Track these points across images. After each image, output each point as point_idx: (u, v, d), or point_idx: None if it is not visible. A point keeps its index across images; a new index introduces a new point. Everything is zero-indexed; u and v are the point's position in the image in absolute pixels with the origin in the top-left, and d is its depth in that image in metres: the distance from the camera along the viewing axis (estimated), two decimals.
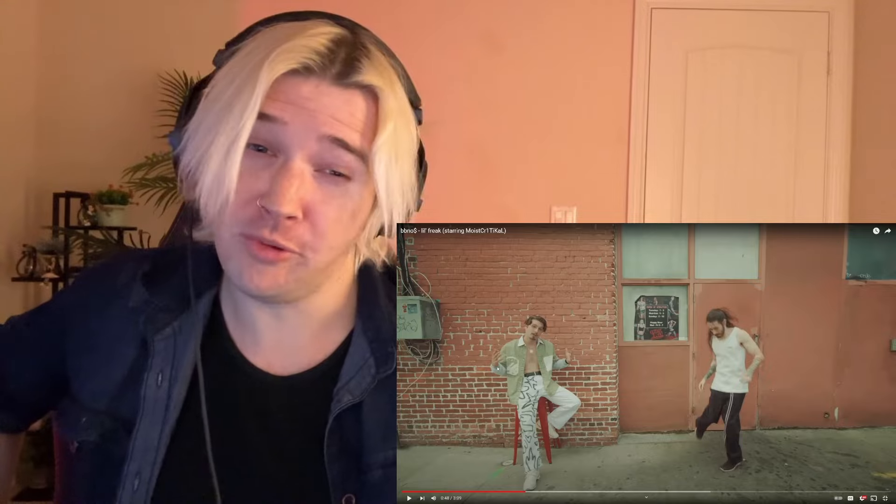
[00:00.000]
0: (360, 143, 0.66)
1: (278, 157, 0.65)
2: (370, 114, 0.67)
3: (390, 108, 0.68)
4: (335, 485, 0.70)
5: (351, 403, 0.72)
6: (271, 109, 0.64)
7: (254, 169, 0.65)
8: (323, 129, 0.65)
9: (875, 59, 3.08)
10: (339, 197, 0.67)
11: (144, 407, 0.72)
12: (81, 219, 3.12)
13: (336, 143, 0.65)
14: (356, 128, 0.66)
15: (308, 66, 0.65)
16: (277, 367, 0.75)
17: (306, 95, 0.65)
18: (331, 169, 0.66)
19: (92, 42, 3.24)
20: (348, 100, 0.66)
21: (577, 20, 3.21)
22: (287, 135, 0.64)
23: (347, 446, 0.71)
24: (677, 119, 3.19)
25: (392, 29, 3.71)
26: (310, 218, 0.66)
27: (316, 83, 0.65)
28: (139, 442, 0.71)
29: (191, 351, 0.74)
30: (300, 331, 0.76)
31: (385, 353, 0.74)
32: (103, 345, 0.75)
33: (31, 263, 3.05)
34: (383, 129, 0.66)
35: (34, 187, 3.26)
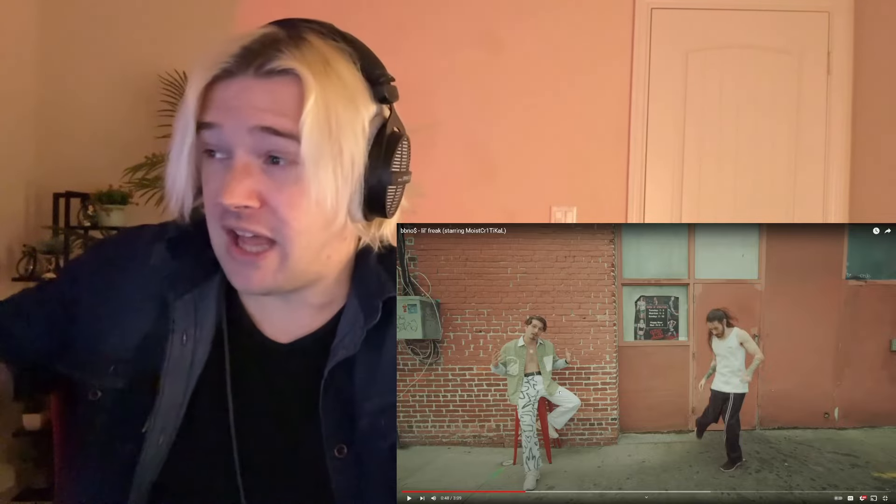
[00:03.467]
0: (289, 126, 0.70)
1: (229, 158, 0.71)
2: (298, 96, 0.70)
3: (310, 85, 0.70)
4: (328, 435, 0.75)
5: (345, 356, 0.77)
6: (208, 117, 0.71)
7: (213, 172, 0.72)
8: (250, 121, 0.70)
9: (875, 59, 3.08)
10: (289, 183, 0.71)
11: (169, 365, 0.77)
12: (81, 219, 3.11)
13: (266, 131, 0.70)
14: (284, 113, 0.70)
15: (226, 69, 0.71)
16: (283, 337, 0.81)
17: (233, 94, 0.71)
18: (273, 156, 0.71)
19: (92, 42, 3.24)
20: (270, 88, 0.71)
21: (577, 20, 3.21)
22: (225, 135, 0.71)
23: (341, 398, 0.76)
24: (677, 119, 3.19)
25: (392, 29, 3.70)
26: (268, 206, 0.71)
27: (240, 81, 0.71)
28: (165, 397, 0.76)
29: (212, 316, 0.79)
30: (303, 311, 0.81)
31: (371, 306, 0.78)
32: (125, 297, 0.80)
33: (31, 263, 3.05)
34: (306, 104, 0.70)
35: (34, 187, 3.26)
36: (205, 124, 0.71)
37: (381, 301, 0.78)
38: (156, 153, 2.92)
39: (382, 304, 0.78)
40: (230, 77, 0.71)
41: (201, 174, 0.74)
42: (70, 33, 3.27)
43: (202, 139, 0.72)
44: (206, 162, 0.73)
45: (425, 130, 3.16)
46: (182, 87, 3.03)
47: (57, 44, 3.27)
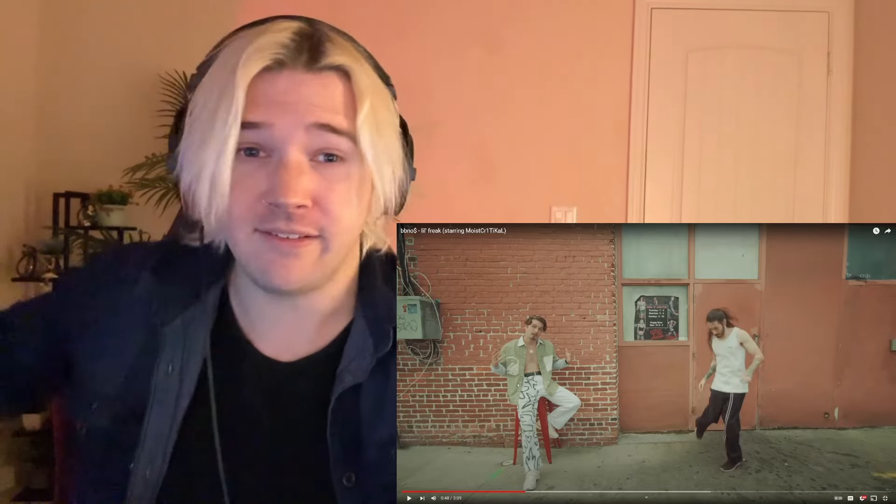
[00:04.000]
0: (345, 124, 0.69)
1: (272, 157, 0.68)
2: (347, 94, 0.70)
3: (364, 84, 0.70)
4: (336, 463, 0.73)
5: (352, 383, 0.74)
6: (255, 116, 0.67)
7: (250, 172, 0.68)
8: (307, 118, 0.67)
9: (875, 59, 3.08)
10: (341, 180, 0.70)
11: (155, 395, 0.73)
12: (81, 219, 3.11)
13: (323, 128, 0.68)
14: (338, 110, 0.69)
15: (279, 59, 0.68)
16: (286, 354, 0.77)
17: (283, 89, 0.68)
18: (324, 154, 0.69)
19: (92, 42, 3.24)
20: (324, 84, 0.69)
21: (577, 20, 3.21)
22: (275, 134, 0.67)
23: (348, 425, 0.74)
24: (677, 119, 3.19)
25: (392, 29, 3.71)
26: (320, 205, 0.69)
27: (290, 74, 0.68)
28: (151, 430, 0.73)
29: (201, 341, 0.75)
30: (310, 320, 0.78)
31: (382, 332, 0.76)
32: (110, 328, 0.77)
33: (31, 263, 3.05)
34: (361, 106, 0.69)
35: (34, 187, 3.25)
36: (250, 124, 0.67)
37: (392, 327, 0.76)
38: (156, 153, 2.92)
39: (394, 330, 0.76)
40: (280, 69, 0.68)
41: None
42: (70, 33, 3.26)
43: (240, 138, 0.67)
44: (236, 162, 0.68)
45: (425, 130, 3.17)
46: (182, 87, 3.02)
47: (57, 44, 3.27)
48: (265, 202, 0.67)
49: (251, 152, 0.68)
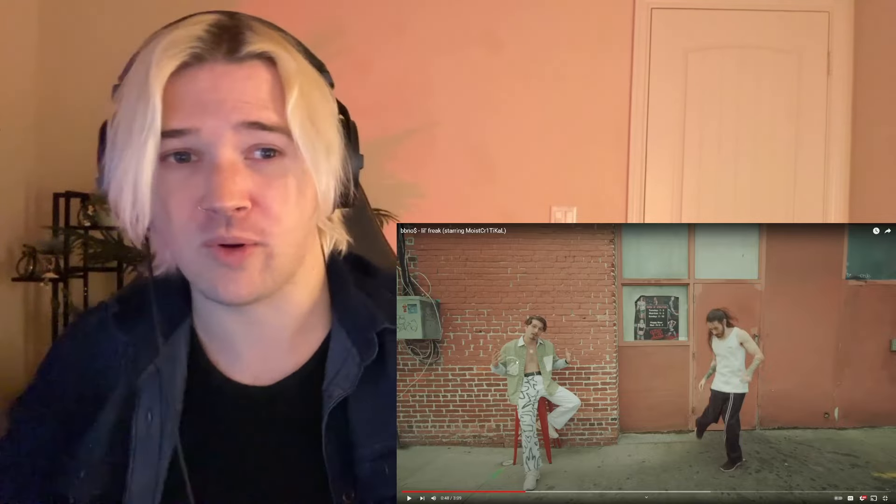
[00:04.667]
0: (275, 118, 0.64)
1: (203, 160, 0.64)
2: (274, 83, 0.65)
3: (291, 69, 0.66)
4: (335, 482, 0.70)
5: (342, 396, 0.71)
6: (178, 122, 0.63)
7: (183, 179, 0.64)
8: (234, 117, 0.63)
9: (875, 59, 3.08)
10: (279, 177, 0.65)
11: (136, 447, 0.71)
12: (81, 219, 3.11)
13: (252, 126, 0.64)
14: (266, 104, 0.64)
15: (196, 53, 0.63)
16: (264, 377, 0.75)
17: (205, 87, 0.63)
18: (260, 150, 0.65)
19: (92, 42, 3.24)
20: (249, 74, 0.65)
21: (577, 20, 3.21)
22: (202, 139, 0.63)
23: (341, 441, 0.71)
24: (677, 119, 3.19)
25: (392, 29, 3.70)
26: (260, 205, 0.65)
27: (210, 68, 0.64)
28: (136, 484, 0.70)
29: (177, 384, 0.73)
30: (280, 333, 0.75)
31: (365, 340, 0.73)
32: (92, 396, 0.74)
33: (31, 263, 3.05)
34: (290, 93, 0.65)
35: (34, 187, 3.25)
36: (173, 132, 0.63)
37: (376, 333, 0.74)
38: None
39: (377, 336, 0.74)
40: (199, 64, 0.63)
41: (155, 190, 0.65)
42: (70, 33, 3.27)
43: (165, 146, 0.63)
44: (164, 172, 0.64)
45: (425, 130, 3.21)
46: None
47: (57, 44, 3.27)
48: (202, 209, 0.63)
49: (182, 157, 0.64)
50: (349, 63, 3.16)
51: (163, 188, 0.64)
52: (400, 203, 3.02)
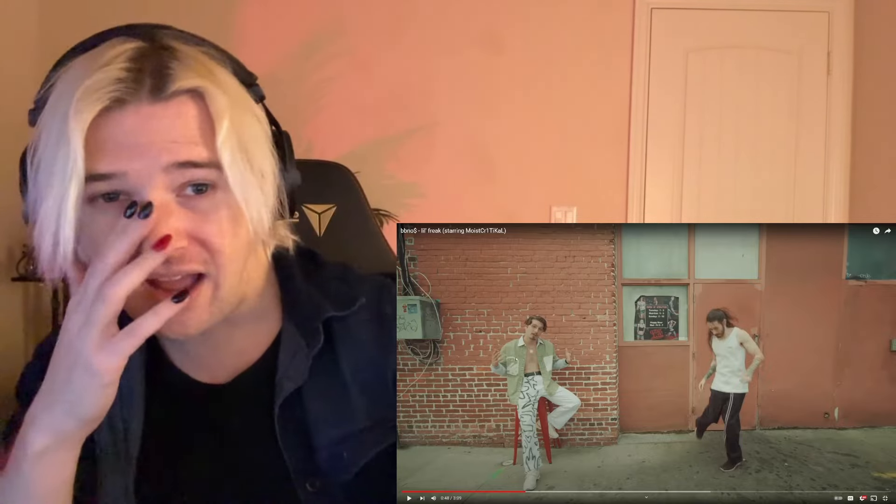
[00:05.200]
0: (205, 154, 0.63)
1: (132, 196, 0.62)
2: (203, 116, 0.63)
3: (220, 105, 0.64)
4: (297, 472, 0.72)
5: (292, 388, 0.73)
6: (104, 166, 0.61)
7: (113, 221, 0.62)
8: (164, 159, 0.61)
9: (875, 59, 3.08)
10: (213, 211, 0.64)
11: (104, 455, 0.72)
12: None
13: (184, 165, 0.62)
14: (196, 140, 0.63)
15: (117, 98, 0.61)
16: (221, 376, 0.76)
17: (130, 129, 0.61)
18: (192, 186, 0.64)
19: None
20: (177, 113, 0.63)
21: (577, 20, 3.21)
22: (130, 181, 0.61)
23: (300, 431, 0.73)
24: (677, 119, 3.19)
25: (393, 30, 3.70)
26: (198, 239, 0.64)
27: (134, 109, 0.61)
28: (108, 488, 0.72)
29: (137, 385, 0.74)
30: (233, 336, 0.75)
31: (312, 330, 0.75)
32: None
33: (31, 263, 3.04)
34: (220, 128, 0.63)
35: None
36: (98, 176, 0.61)
37: (321, 322, 0.75)
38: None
39: (323, 325, 0.75)
40: (122, 106, 0.61)
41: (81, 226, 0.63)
42: (70, 34, 3.26)
43: (91, 189, 0.61)
44: (93, 211, 0.62)
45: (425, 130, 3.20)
46: None
47: (57, 44, 3.26)
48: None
49: (110, 197, 0.62)
50: (350, 63, 3.17)
51: (93, 228, 0.63)
52: (400, 203, 3.02)
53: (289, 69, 3.00)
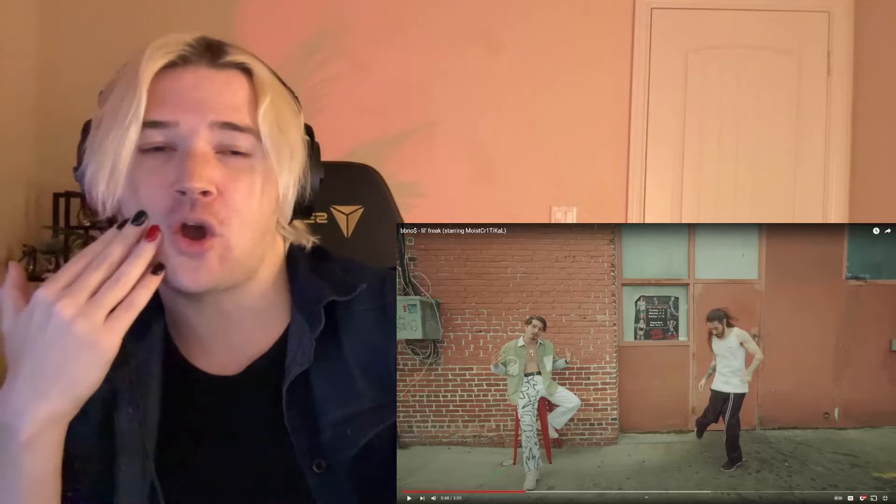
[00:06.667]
0: (247, 120, 0.71)
1: (178, 149, 0.69)
2: (249, 91, 0.73)
3: (265, 79, 0.74)
4: (303, 453, 0.74)
5: (298, 371, 0.76)
6: (160, 115, 0.69)
7: (157, 166, 0.69)
8: (211, 116, 0.70)
9: (875, 59, 3.08)
10: (245, 173, 0.71)
11: (123, 444, 0.74)
12: (81, 219, 3.11)
13: (226, 126, 0.70)
14: (240, 108, 0.71)
15: (183, 55, 0.71)
16: (232, 367, 0.79)
17: (189, 84, 0.70)
18: (230, 150, 0.71)
19: (92, 42, 3.24)
20: (228, 80, 0.72)
21: (577, 20, 3.21)
22: (181, 131, 0.69)
23: (307, 413, 0.75)
24: (677, 119, 3.19)
25: (392, 29, 3.69)
26: (223, 195, 0.70)
27: (194, 70, 0.71)
28: (124, 477, 0.74)
29: (153, 381, 0.77)
30: (242, 324, 0.79)
31: (312, 314, 0.78)
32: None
33: (31, 263, 3.05)
34: (263, 100, 0.72)
35: (34, 187, 3.25)
36: (154, 123, 0.69)
37: (322, 306, 0.78)
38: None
39: (324, 309, 0.78)
40: (184, 65, 0.71)
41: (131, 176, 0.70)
42: (70, 34, 3.26)
43: (144, 138, 0.69)
44: (140, 160, 0.70)
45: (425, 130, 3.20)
46: None
47: (57, 44, 3.27)
48: (173, 191, 0.68)
49: (158, 149, 0.70)
50: (349, 63, 3.17)
51: (137, 175, 0.70)
52: (400, 203, 3.01)
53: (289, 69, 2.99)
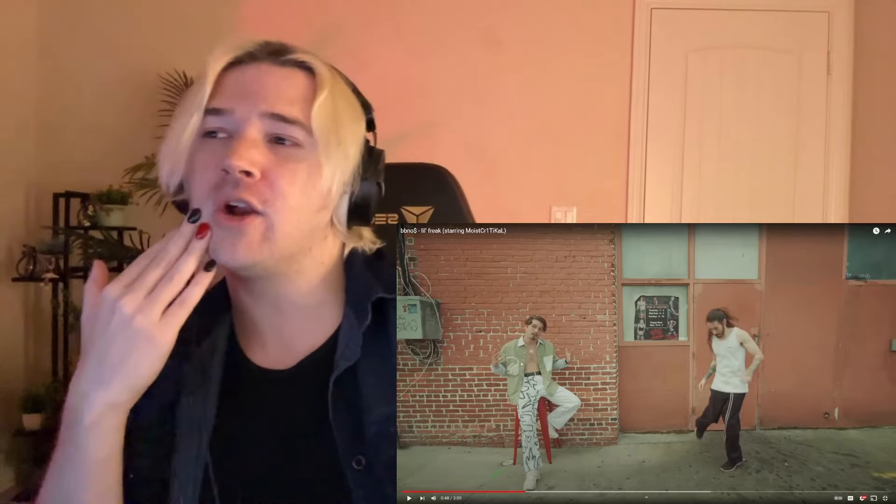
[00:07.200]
0: (298, 114, 0.74)
1: (232, 136, 0.74)
2: (308, 87, 0.76)
3: (325, 77, 0.77)
4: (345, 449, 0.75)
5: (346, 366, 0.77)
6: (220, 103, 0.75)
7: (211, 148, 0.74)
8: (262, 106, 0.74)
9: (875, 59, 3.08)
10: (292, 160, 0.74)
11: (181, 429, 0.79)
12: (81, 219, 3.11)
13: (275, 117, 0.74)
14: (294, 101, 0.75)
15: (249, 52, 0.77)
16: (286, 361, 0.81)
17: (250, 77, 0.76)
18: (280, 138, 0.74)
19: (92, 42, 3.24)
20: (288, 75, 0.77)
21: (577, 20, 3.21)
22: (235, 118, 0.74)
23: (351, 409, 0.76)
24: (677, 119, 3.19)
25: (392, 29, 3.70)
26: (267, 178, 0.73)
27: (257, 65, 0.77)
28: (181, 461, 0.77)
29: (215, 372, 0.81)
30: (298, 316, 0.81)
31: (361, 309, 0.79)
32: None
33: (31, 263, 3.05)
34: (320, 94, 0.75)
35: (34, 187, 3.25)
36: (214, 110, 0.74)
37: (370, 302, 0.79)
38: (156, 153, 2.91)
39: (372, 305, 0.79)
40: (250, 61, 0.77)
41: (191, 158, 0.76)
42: (70, 33, 3.26)
43: (205, 124, 0.75)
44: (201, 144, 0.75)
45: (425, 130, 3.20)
46: (182, 87, 3.02)
47: (57, 44, 3.27)
48: (219, 170, 0.72)
49: (214, 134, 0.75)
50: (348, 63, 3.16)
51: (196, 157, 0.75)
52: None
53: None
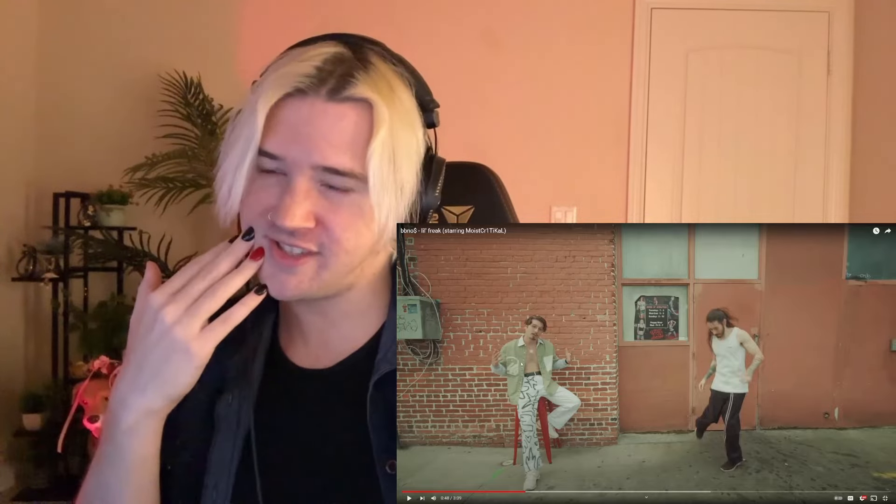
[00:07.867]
0: (350, 164, 0.71)
1: (287, 176, 0.72)
2: (363, 125, 0.72)
3: (382, 116, 0.72)
4: (379, 452, 0.75)
5: (387, 370, 0.77)
6: (272, 147, 0.72)
7: (265, 186, 0.73)
8: (315, 158, 0.71)
9: (875, 59, 3.08)
10: (346, 206, 0.73)
11: (219, 425, 0.80)
12: (81, 219, 3.12)
13: (328, 171, 0.71)
14: (347, 147, 0.72)
15: (300, 88, 0.71)
16: (325, 360, 0.82)
17: (304, 117, 0.71)
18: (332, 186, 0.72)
19: (92, 42, 3.24)
20: (341, 115, 0.72)
21: (577, 20, 3.21)
22: (286, 165, 0.72)
23: (388, 413, 0.76)
24: (677, 119, 3.19)
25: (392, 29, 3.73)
26: (323, 225, 0.72)
27: (311, 103, 0.72)
28: (215, 456, 0.78)
29: (256, 370, 0.82)
30: (345, 322, 0.82)
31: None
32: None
33: (31, 263, 3.05)
34: (376, 135, 0.72)
35: (34, 187, 3.26)
36: (266, 153, 0.72)
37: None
38: (156, 153, 2.92)
39: None
40: (302, 97, 0.72)
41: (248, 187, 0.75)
42: (70, 34, 3.27)
43: (260, 164, 0.73)
44: (258, 177, 0.74)
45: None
46: (182, 87, 3.02)
47: (57, 44, 3.27)
48: (270, 217, 0.71)
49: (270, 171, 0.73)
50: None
51: (251, 189, 0.74)
52: None
53: None
